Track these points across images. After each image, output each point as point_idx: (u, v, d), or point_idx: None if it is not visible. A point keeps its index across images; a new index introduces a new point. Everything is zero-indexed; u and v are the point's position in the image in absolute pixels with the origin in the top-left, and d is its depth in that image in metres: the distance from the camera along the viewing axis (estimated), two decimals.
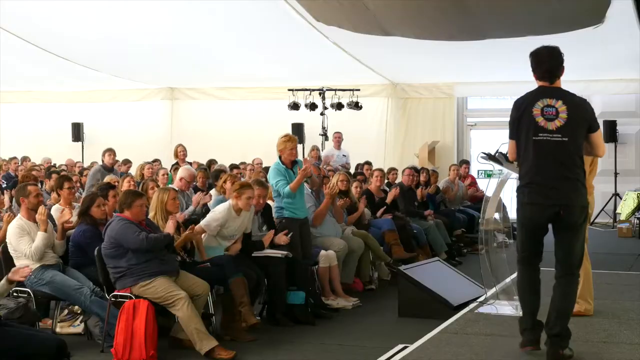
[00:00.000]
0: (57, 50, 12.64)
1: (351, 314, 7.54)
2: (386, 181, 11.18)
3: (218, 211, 7.07)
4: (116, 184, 9.04)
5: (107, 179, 9.59)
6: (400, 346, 5.78)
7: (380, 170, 10.87)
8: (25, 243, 6.26)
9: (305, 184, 8.12)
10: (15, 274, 5.10)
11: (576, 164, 4.85)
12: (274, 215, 7.69)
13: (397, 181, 11.82)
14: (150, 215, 6.50)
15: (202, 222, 7.05)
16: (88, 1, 10.15)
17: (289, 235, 7.43)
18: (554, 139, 4.81)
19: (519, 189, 5.01)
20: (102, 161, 11.30)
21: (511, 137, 5.00)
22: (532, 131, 4.84)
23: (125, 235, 5.96)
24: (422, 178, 11.56)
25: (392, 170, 12.01)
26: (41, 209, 6.38)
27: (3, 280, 5.07)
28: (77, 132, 16.06)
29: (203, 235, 6.97)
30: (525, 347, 5.00)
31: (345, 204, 8.81)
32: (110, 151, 11.27)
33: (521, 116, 4.88)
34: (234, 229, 7.01)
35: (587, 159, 5.90)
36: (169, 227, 6.23)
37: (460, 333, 5.81)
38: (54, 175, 9.73)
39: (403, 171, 11.38)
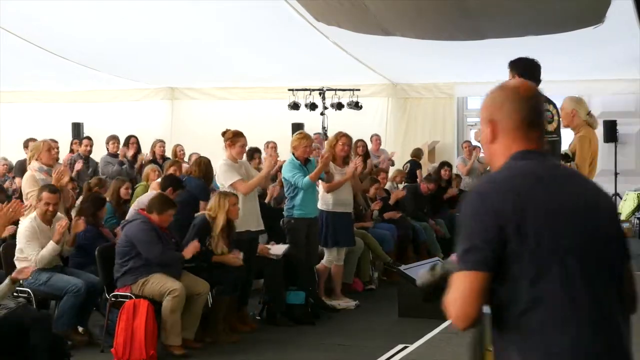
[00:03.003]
0: (57, 50, 12.62)
1: (351, 314, 7.55)
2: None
3: (223, 169, 6.89)
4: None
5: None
6: (400, 346, 5.79)
7: (383, 170, 10.88)
8: (33, 248, 6.23)
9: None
10: (19, 273, 5.15)
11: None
12: (285, 214, 7.50)
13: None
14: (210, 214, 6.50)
15: (234, 182, 6.79)
16: (88, 1, 10.14)
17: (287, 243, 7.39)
18: (552, 139, 5.55)
19: None
20: (107, 149, 11.34)
21: None
22: None
23: (143, 242, 5.98)
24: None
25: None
26: (63, 222, 6.34)
27: (7, 280, 5.09)
28: (77, 132, 16.02)
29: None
30: None
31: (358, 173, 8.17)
32: (114, 139, 11.38)
33: None
34: (243, 175, 6.88)
35: (587, 159, 6.03)
36: (188, 252, 6.22)
37: (460, 333, 5.80)
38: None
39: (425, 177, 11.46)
